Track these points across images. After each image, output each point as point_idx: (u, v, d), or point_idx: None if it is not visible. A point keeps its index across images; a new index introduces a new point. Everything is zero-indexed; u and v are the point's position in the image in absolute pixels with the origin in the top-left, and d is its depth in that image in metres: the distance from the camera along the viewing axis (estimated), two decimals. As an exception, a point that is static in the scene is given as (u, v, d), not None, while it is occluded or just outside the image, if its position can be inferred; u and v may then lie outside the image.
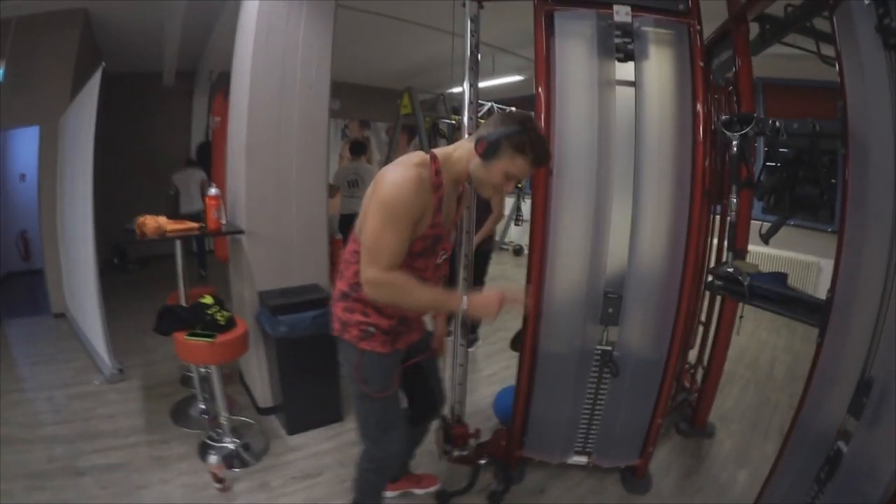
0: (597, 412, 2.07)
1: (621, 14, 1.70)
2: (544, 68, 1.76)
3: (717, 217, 2.52)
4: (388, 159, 4.91)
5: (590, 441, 2.14)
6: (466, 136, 1.81)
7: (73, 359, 3.14)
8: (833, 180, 1.97)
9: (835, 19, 1.41)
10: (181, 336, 2.04)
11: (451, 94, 5.52)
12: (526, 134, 1.28)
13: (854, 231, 1.44)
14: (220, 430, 2.25)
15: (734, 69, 2.28)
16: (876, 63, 1.28)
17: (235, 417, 2.36)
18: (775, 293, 1.94)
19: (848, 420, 1.41)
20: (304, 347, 2.02)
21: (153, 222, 2.11)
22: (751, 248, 2.43)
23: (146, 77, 5.18)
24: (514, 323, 2.03)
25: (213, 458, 2.03)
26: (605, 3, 1.72)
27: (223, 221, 2.26)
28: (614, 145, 1.78)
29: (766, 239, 2.15)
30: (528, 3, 1.80)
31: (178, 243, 2.19)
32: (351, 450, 2.21)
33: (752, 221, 2.44)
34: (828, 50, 1.89)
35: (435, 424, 2.07)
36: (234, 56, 2.43)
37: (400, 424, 1.60)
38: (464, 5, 1.84)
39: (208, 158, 4.84)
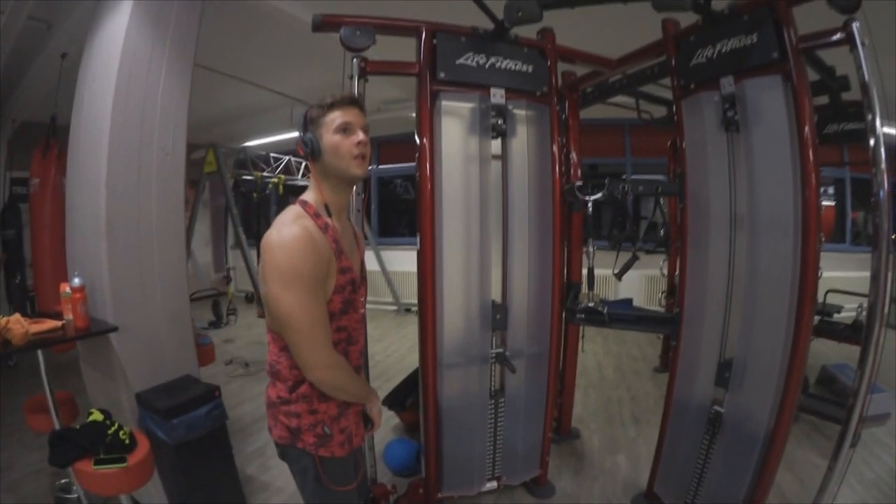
0: (499, 435, 2.29)
1: (497, 96, 1.95)
2: (428, 127, 1.92)
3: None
4: (191, 220, 4.54)
5: (497, 465, 2.36)
6: None
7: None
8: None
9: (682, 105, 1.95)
10: (85, 466, 1.63)
11: (249, 146, 5.32)
12: (310, 107, 1.24)
13: (695, 260, 1.96)
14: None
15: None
16: (715, 142, 1.83)
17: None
18: (630, 315, 2.42)
19: (717, 391, 1.89)
20: (202, 447, 1.77)
21: (19, 327, 1.66)
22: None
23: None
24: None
25: None
26: (483, 86, 1.95)
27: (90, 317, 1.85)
28: (492, 201, 2.07)
29: (619, 276, 2.66)
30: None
31: (40, 350, 1.72)
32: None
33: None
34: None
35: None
36: (80, 109, 2.04)
37: None
38: (351, 78, 1.87)
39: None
